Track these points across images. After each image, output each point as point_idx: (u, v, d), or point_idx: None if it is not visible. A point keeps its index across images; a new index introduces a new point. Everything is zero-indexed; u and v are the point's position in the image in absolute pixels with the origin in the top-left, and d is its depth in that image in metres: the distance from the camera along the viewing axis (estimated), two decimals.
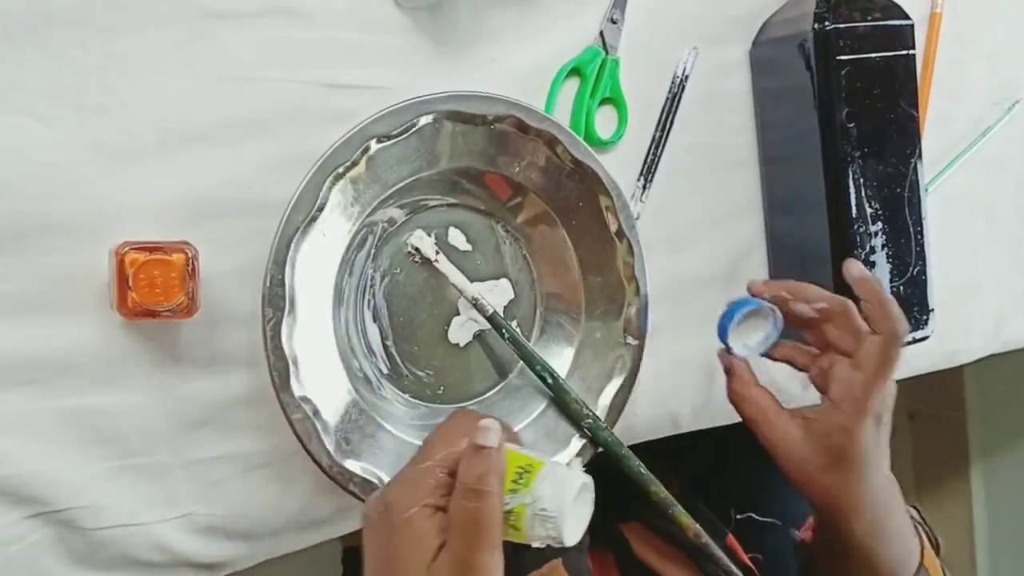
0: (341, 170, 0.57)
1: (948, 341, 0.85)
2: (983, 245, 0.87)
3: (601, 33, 0.68)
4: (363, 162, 0.58)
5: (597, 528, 0.89)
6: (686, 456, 0.92)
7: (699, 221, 0.74)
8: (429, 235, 0.64)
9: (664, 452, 0.91)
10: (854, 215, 0.70)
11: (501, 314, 0.64)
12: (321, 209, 0.57)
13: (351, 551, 0.86)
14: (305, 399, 0.56)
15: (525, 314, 0.67)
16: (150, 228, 0.56)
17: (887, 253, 0.72)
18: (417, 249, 0.63)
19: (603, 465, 0.64)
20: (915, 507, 0.72)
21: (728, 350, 0.66)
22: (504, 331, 0.63)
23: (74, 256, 0.55)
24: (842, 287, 0.71)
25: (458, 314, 0.65)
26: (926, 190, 0.75)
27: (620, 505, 0.93)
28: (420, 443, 0.62)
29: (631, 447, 0.74)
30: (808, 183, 0.72)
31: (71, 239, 0.55)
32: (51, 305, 0.55)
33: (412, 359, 0.64)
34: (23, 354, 0.54)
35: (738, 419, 0.78)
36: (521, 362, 0.66)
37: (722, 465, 0.93)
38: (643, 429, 0.74)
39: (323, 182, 0.57)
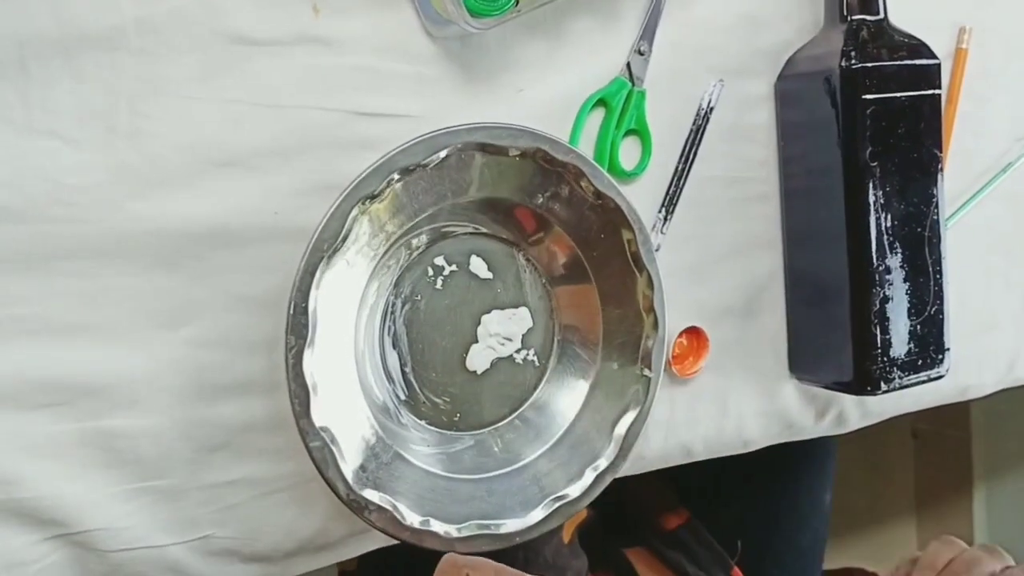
0: (367, 200, 0.57)
1: (960, 377, 0.85)
2: (1000, 281, 0.87)
3: (628, 64, 0.68)
4: (389, 192, 0.58)
5: (598, 551, 0.90)
6: (693, 487, 0.93)
7: (718, 253, 0.74)
8: (450, 263, 0.64)
9: (671, 480, 0.91)
10: (874, 253, 0.70)
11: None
12: (346, 238, 0.57)
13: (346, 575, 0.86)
14: (324, 428, 0.57)
15: (543, 343, 0.67)
16: (176, 254, 0.56)
17: (905, 291, 0.72)
18: None
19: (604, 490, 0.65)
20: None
21: None
22: None
23: (99, 280, 0.55)
24: (857, 324, 0.71)
25: (476, 341, 0.65)
26: (946, 227, 0.75)
27: (622, 529, 0.94)
28: (436, 471, 0.63)
29: (640, 475, 0.75)
30: (829, 218, 0.72)
31: (96, 262, 0.55)
32: (75, 328, 0.55)
33: (430, 386, 0.64)
34: (46, 376, 0.55)
35: (749, 449, 0.79)
36: (536, 393, 0.66)
37: (728, 495, 0.93)
38: (655, 458, 0.74)
39: (349, 211, 0.57)
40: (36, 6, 0.52)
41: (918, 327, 0.73)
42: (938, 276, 0.74)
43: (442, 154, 0.58)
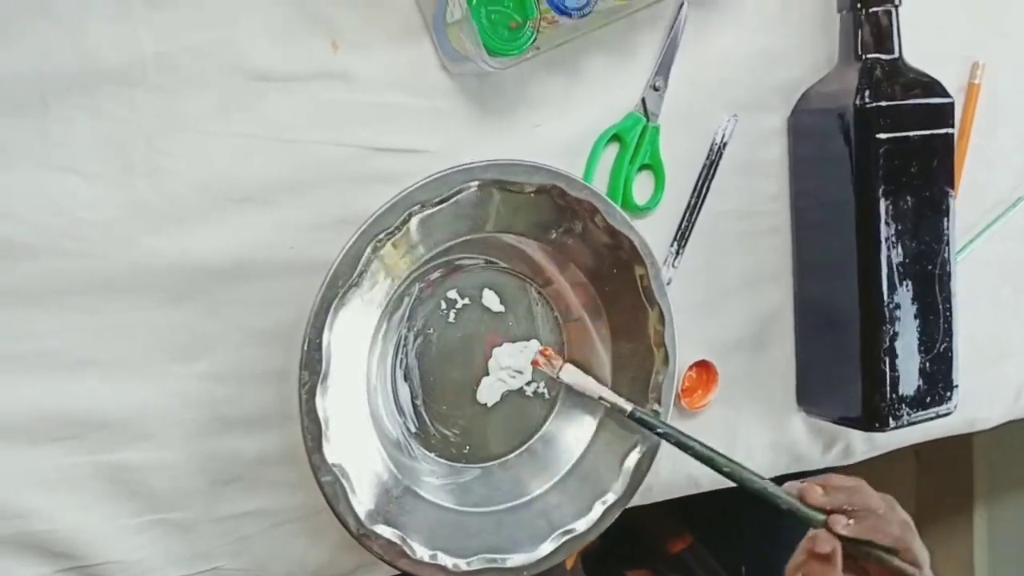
0: (383, 236, 0.57)
1: (968, 409, 0.84)
2: (1009, 314, 0.87)
3: (643, 100, 0.68)
4: (405, 229, 0.58)
5: (601, 575, 0.90)
6: (697, 511, 0.93)
7: (728, 287, 0.74)
8: (463, 296, 0.64)
9: (675, 504, 0.91)
10: (885, 290, 0.70)
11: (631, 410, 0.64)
12: (362, 275, 0.57)
13: None
14: (336, 464, 0.57)
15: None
16: (190, 288, 0.57)
17: (915, 328, 0.72)
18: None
19: None
20: None
21: None
22: (660, 432, 0.63)
23: (113, 315, 0.56)
24: (867, 360, 0.71)
25: (487, 374, 0.65)
26: (956, 261, 0.75)
27: (626, 553, 0.94)
28: (447, 505, 0.63)
29: (643, 506, 0.74)
30: (840, 254, 0.72)
31: (110, 297, 0.55)
32: (89, 362, 0.55)
33: (440, 418, 0.65)
34: (60, 410, 0.55)
35: None
36: (546, 427, 0.66)
37: (732, 520, 0.93)
38: (662, 488, 0.74)
39: (365, 247, 0.57)
40: (58, 42, 0.53)
41: (927, 364, 0.73)
42: (948, 313, 0.74)
43: (460, 190, 0.59)
